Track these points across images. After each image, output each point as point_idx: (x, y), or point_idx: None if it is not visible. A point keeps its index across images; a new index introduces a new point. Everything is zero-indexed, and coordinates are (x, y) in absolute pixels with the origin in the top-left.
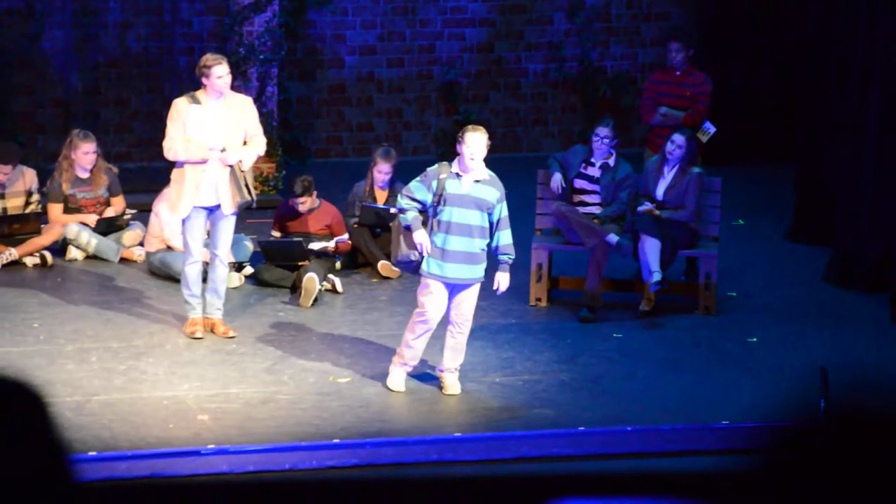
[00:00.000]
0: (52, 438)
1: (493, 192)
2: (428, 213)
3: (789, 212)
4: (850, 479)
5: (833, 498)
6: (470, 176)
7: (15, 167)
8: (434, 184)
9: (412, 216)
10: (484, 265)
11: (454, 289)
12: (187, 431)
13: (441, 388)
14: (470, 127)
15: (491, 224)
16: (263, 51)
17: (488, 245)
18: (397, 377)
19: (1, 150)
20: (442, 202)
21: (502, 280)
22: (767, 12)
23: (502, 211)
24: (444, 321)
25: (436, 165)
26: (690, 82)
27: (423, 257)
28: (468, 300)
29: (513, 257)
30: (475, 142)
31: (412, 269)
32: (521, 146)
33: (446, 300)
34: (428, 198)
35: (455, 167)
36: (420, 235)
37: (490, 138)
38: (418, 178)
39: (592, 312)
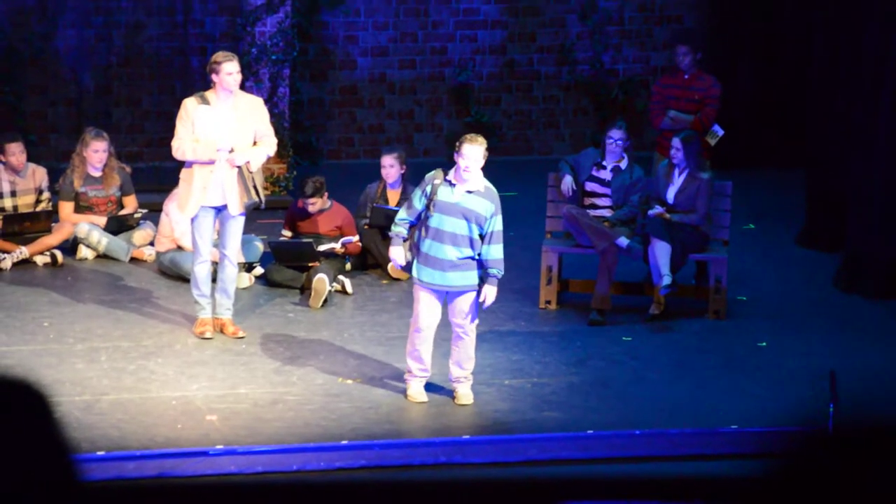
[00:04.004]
0: (56, 438)
1: (485, 204)
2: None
3: (800, 216)
4: (859, 484)
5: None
6: (463, 186)
7: (22, 146)
8: (428, 189)
9: (396, 231)
10: (474, 272)
11: (448, 296)
12: (196, 432)
13: (453, 397)
14: (468, 137)
15: (482, 235)
16: (275, 51)
17: (479, 256)
18: (415, 388)
19: (3, 133)
20: (432, 207)
21: (489, 294)
22: (778, 16)
23: (495, 225)
24: (451, 331)
25: (432, 172)
26: (699, 86)
27: (413, 260)
28: (464, 308)
29: (501, 272)
30: (471, 153)
31: (408, 270)
32: (532, 149)
33: (438, 306)
34: (423, 205)
35: (450, 175)
36: (395, 252)
37: (501, 141)
38: (418, 186)
39: (602, 315)
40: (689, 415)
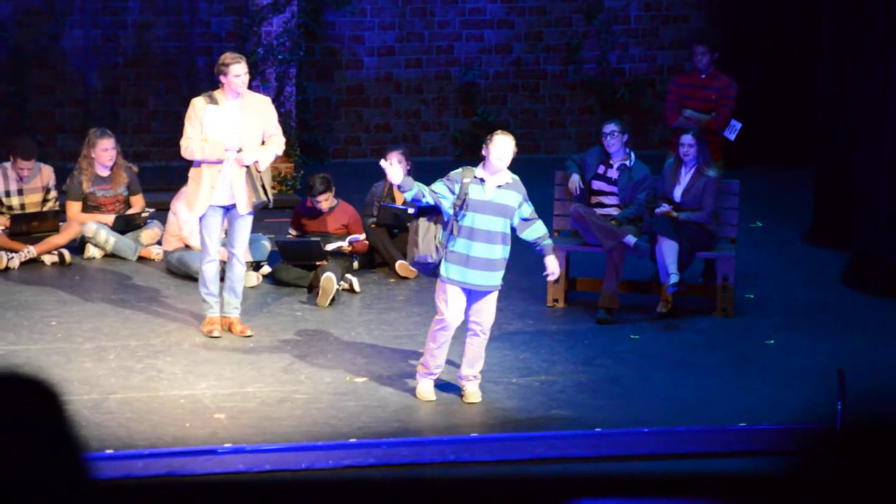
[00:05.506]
0: (67, 436)
1: (514, 196)
2: (443, 215)
3: (807, 214)
4: (867, 482)
5: (849, 502)
6: (493, 181)
7: (34, 163)
8: (457, 187)
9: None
10: (502, 272)
11: (472, 295)
12: (204, 430)
13: (461, 395)
14: (499, 131)
15: (513, 229)
16: (282, 51)
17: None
18: (426, 386)
19: (22, 146)
20: (464, 207)
21: (551, 264)
22: (784, 14)
23: (527, 208)
24: (464, 328)
25: (459, 169)
26: (716, 86)
27: (440, 259)
28: (486, 308)
29: (551, 242)
30: (503, 145)
31: (429, 271)
32: (538, 148)
33: (464, 305)
34: (449, 197)
35: (479, 172)
36: (400, 178)
37: None
38: (441, 179)
39: (609, 314)
40: (696, 412)
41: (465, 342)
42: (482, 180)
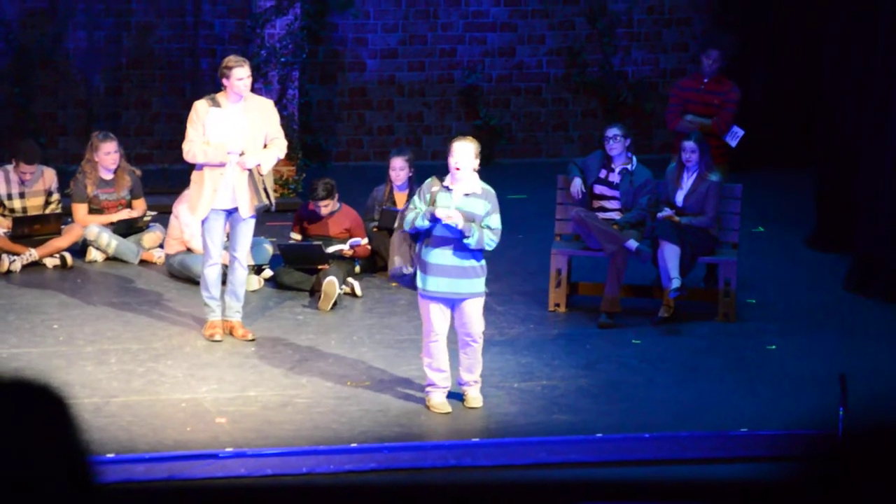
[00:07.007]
0: (74, 440)
1: (482, 204)
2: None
3: (810, 219)
4: (869, 487)
5: None
6: (460, 189)
7: (36, 167)
8: (427, 197)
9: (414, 213)
10: (482, 279)
11: (453, 304)
12: (205, 434)
13: (463, 400)
14: (458, 137)
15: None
16: (285, 53)
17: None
18: (438, 399)
19: (25, 150)
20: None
21: (456, 218)
22: (788, 18)
23: (495, 219)
24: (458, 339)
25: (429, 179)
26: (719, 90)
27: (415, 271)
28: (472, 316)
29: (476, 234)
30: (460, 151)
31: (406, 282)
32: (541, 151)
33: (446, 312)
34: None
35: (447, 180)
36: (441, 211)
37: (510, 143)
38: (416, 195)
39: (611, 318)
40: (698, 418)
41: (458, 353)
42: (448, 189)
